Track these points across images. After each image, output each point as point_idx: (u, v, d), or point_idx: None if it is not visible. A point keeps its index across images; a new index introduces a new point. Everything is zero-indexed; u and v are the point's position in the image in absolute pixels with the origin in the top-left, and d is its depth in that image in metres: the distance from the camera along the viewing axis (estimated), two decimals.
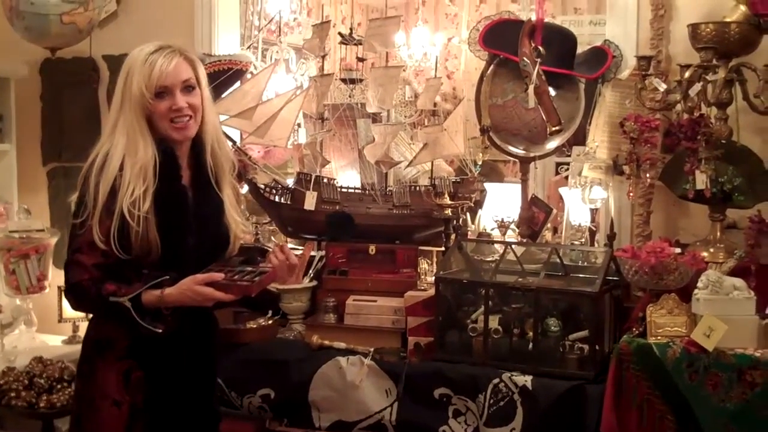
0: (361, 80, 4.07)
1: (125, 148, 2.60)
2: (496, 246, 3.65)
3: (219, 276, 2.63)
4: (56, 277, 4.64)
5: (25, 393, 3.80)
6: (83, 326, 4.47)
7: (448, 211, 3.67)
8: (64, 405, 3.81)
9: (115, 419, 2.66)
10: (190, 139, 2.73)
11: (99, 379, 2.69)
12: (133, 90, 2.61)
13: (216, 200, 2.78)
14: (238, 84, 3.98)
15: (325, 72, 3.97)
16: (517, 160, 4.05)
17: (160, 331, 2.59)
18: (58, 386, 3.86)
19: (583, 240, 3.65)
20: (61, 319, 4.69)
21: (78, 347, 4.42)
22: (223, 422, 3.00)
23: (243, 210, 3.86)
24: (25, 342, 4.42)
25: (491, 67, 3.80)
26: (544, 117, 3.61)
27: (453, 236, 3.63)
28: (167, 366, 2.71)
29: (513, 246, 3.51)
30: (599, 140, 3.75)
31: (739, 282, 2.99)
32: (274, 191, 3.79)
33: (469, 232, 3.89)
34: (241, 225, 2.88)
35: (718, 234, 3.46)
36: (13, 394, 3.79)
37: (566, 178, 3.97)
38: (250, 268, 2.72)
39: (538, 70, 3.56)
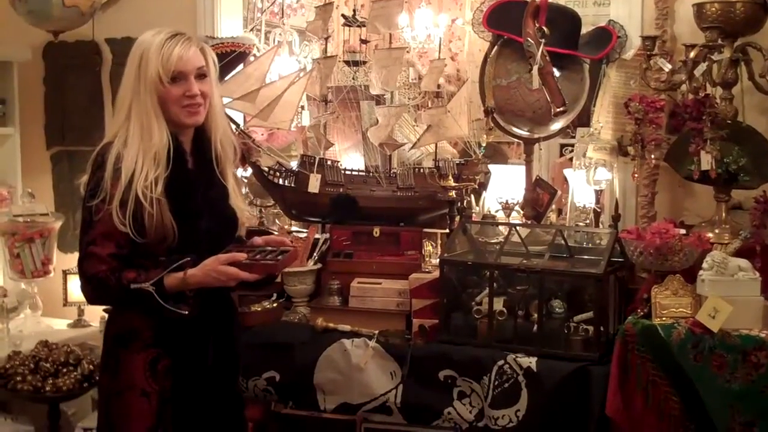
0: (364, 62, 4.05)
1: (140, 132, 2.62)
2: (501, 228, 3.64)
3: (242, 256, 2.64)
4: (61, 260, 4.66)
5: (30, 377, 3.81)
6: (88, 310, 4.52)
7: (453, 193, 3.66)
8: (69, 389, 3.82)
9: (144, 409, 2.67)
10: (196, 126, 2.73)
11: (125, 371, 2.69)
12: (150, 73, 2.62)
13: (220, 185, 2.80)
14: (241, 66, 3.97)
15: (329, 54, 3.95)
16: (521, 142, 4.04)
17: (186, 312, 2.59)
18: (64, 370, 3.87)
19: (587, 221, 3.64)
20: (66, 303, 4.70)
21: (82, 331, 4.49)
22: None
23: (245, 196, 3.88)
24: (31, 326, 4.44)
25: (495, 48, 3.78)
26: (548, 98, 3.59)
27: (457, 218, 3.62)
28: (193, 352, 2.73)
29: (517, 228, 3.51)
30: (604, 121, 3.73)
31: (744, 263, 2.99)
32: (277, 174, 3.79)
33: (474, 214, 3.87)
34: (245, 212, 2.90)
35: (723, 215, 3.45)
36: (19, 378, 3.81)
37: (571, 159, 3.95)
38: (270, 248, 2.73)
39: (542, 50, 3.54)
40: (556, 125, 3.78)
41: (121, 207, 2.55)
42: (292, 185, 3.78)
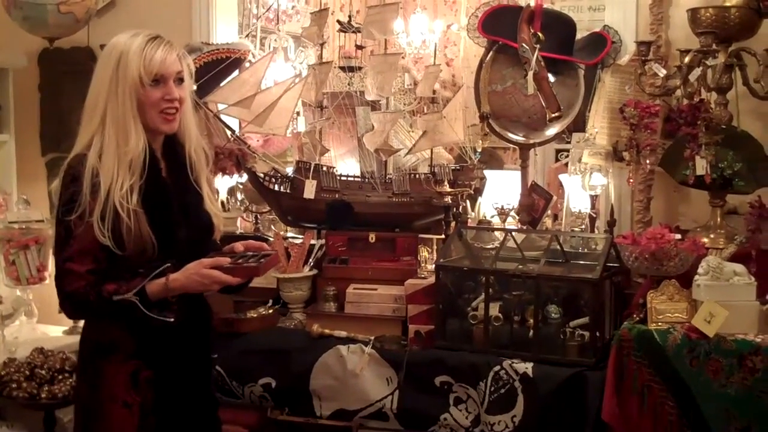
0: (360, 68, 4.06)
1: (116, 137, 2.56)
2: (497, 233, 3.64)
3: (225, 260, 2.62)
4: None
5: (26, 384, 3.79)
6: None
7: (448, 199, 3.67)
8: (65, 396, 3.80)
9: (126, 421, 2.64)
10: (171, 133, 2.71)
11: (106, 382, 2.65)
12: (130, 74, 2.57)
13: (195, 191, 2.76)
14: (236, 73, 3.97)
15: (324, 60, 3.96)
16: (516, 147, 4.05)
17: (172, 319, 2.56)
18: (60, 377, 3.85)
19: (583, 227, 3.65)
20: (61, 310, 4.68)
21: (78, 338, 4.45)
22: (226, 412, 3.01)
23: (240, 203, 3.87)
24: (26, 333, 4.41)
25: (490, 53, 3.79)
26: (543, 103, 3.60)
27: (453, 224, 3.63)
28: (174, 361, 2.70)
29: (513, 233, 3.51)
30: (599, 126, 3.74)
31: (739, 268, 2.99)
32: (273, 180, 3.79)
33: (469, 220, 3.88)
34: (221, 217, 2.88)
35: (719, 220, 3.46)
36: (14, 385, 3.78)
37: (566, 164, 3.96)
38: (251, 253, 2.73)
39: (537, 56, 3.55)
40: (552, 131, 3.78)
41: (101, 220, 2.51)
42: (288, 191, 3.78)
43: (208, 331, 2.87)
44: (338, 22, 4.39)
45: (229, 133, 3.80)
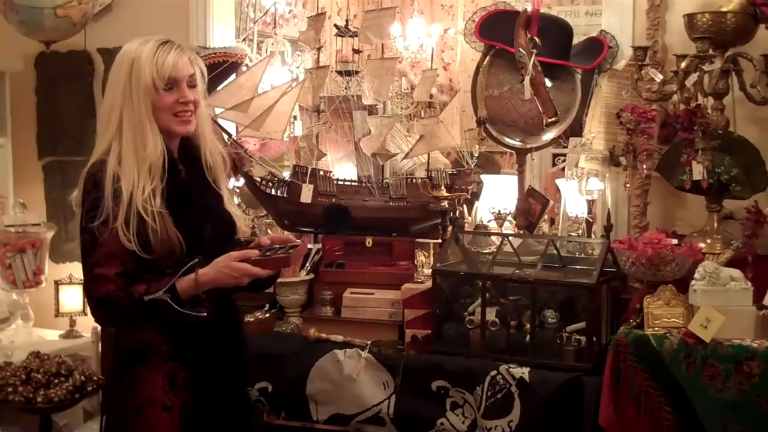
0: (357, 72, 4.05)
1: (134, 143, 2.57)
2: (493, 238, 3.64)
3: (254, 252, 2.60)
4: (52, 271, 4.65)
5: (22, 388, 3.79)
6: (80, 321, 4.51)
7: (445, 203, 3.67)
8: (61, 400, 3.80)
9: (167, 424, 2.63)
10: (186, 135, 2.72)
11: (144, 387, 2.64)
12: (143, 81, 2.57)
13: (215, 192, 2.78)
14: (233, 77, 3.97)
15: (321, 64, 3.96)
16: (513, 152, 4.04)
17: (205, 314, 2.55)
18: (56, 381, 3.85)
19: (579, 231, 3.65)
20: (57, 314, 4.68)
21: (74, 342, 4.47)
22: None
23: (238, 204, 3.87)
24: (22, 337, 4.41)
25: (487, 58, 3.79)
26: (540, 108, 3.60)
27: (450, 228, 3.62)
28: (210, 361, 2.69)
29: (510, 238, 3.51)
30: (596, 131, 3.74)
31: (736, 273, 2.99)
32: (270, 184, 3.78)
33: (466, 224, 3.88)
34: (241, 218, 2.89)
35: (715, 225, 3.46)
36: (10, 389, 3.78)
37: (563, 169, 3.96)
38: (278, 246, 2.72)
39: (534, 61, 3.55)
40: (548, 135, 3.78)
41: (126, 225, 2.50)
42: (285, 195, 3.77)
43: (239, 330, 2.86)
44: (335, 26, 4.38)
45: (225, 137, 3.79)
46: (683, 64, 3.35)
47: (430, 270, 3.41)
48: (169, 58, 2.60)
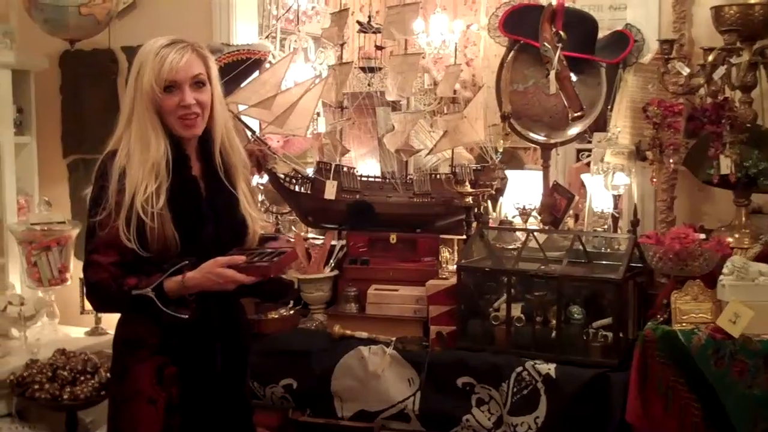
0: (380, 68, 4.05)
1: (140, 143, 2.60)
2: (518, 234, 3.62)
3: (240, 258, 2.62)
4: (78, 268, 4.64)
5: (48, 385, 3.81)
6: (105, 318, 4.52)
7: (469, 199, 3.65)
8: (87, 397, 3.82)
9: (151, 417, 2.65)
10: (197, 137, 2.71)
11: (132, 378, 2.67)
12: (144, 84, 2.60)
13: (228, 192, 2.76)
14: (256, 74, 3.97)
15: (344, 60, 3.95)
16: (538, 147, 4.02)
17: (186, 317, 2.57)
18: (82, 378, 3.87)
19: (605, 227, 3.63)
20: (83, 311, 4.71)
21: (100, 339, 4.50)
22: None
23: (259, 205, 3.86)
24: (48, 334, 4.44)
25: (512, 53, 3.78)
26: (565, 103, 3.58)
27: (474, 224, 3.61)
28: (200, 359, 2.70)
29: (535, 233, 3.49)
30: (621, 126, 3.71)
31: (765, 267, 2.96)
32: (293, 181, 3.78)
33: (491, 220, 3.86)
34: (259, 221, 2.86)
35: (743, 219, 3.42)
36: (36, 386, 3.81)
37: (587, 164, 3.94)
38: (270, 250, 2.71)
39: (559, 55, 3.54)
40: (574, 130, 3.76)
41: (126, 223, 2.54)
42: (309, 192, 3.77)
43: (238, 332, 2.85)
44: (358, 22, 4.38)
45: (249, 134, 3.79)
46: (710, 57, 3.32)
47: (455, 266, 3.40)
48: (167, 61, 2.59)
